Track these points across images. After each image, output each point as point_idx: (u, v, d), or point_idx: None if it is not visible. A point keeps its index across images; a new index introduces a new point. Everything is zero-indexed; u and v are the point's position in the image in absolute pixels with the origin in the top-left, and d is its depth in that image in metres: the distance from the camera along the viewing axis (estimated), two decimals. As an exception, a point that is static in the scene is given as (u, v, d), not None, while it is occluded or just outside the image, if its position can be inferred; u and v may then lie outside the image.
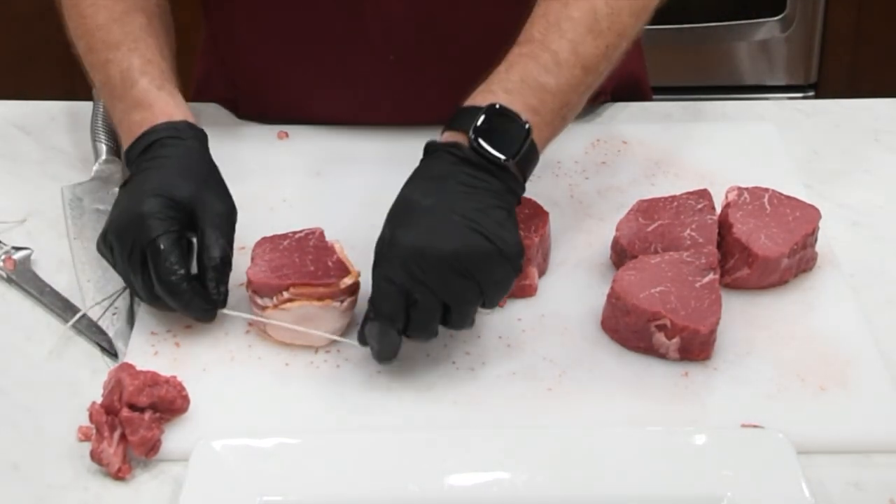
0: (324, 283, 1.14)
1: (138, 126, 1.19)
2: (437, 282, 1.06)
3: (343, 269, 1.15)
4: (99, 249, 1.17)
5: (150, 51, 1.24)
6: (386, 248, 1.08)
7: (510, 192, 1.10)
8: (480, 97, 1.13)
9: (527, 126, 1.11)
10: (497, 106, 1.11)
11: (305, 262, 1.15)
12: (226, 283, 1.14)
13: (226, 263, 1.14)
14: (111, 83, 1.23)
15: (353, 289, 1.15)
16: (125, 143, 1.20)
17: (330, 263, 1.15)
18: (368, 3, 1.35)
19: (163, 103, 1.20)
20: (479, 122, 1.10)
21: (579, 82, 1.16)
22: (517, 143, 1.10)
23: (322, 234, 1.18)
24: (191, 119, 1.21)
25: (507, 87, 1.13)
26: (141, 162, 1.17)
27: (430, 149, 1.12)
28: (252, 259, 1.17)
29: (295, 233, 1.18)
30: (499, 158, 1.09)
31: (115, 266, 1.16)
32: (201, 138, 1.21)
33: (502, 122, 1.11)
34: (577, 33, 1.16)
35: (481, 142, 1.09)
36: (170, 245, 1.12)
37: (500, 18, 1.20)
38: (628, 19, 1.19)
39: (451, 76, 1.21)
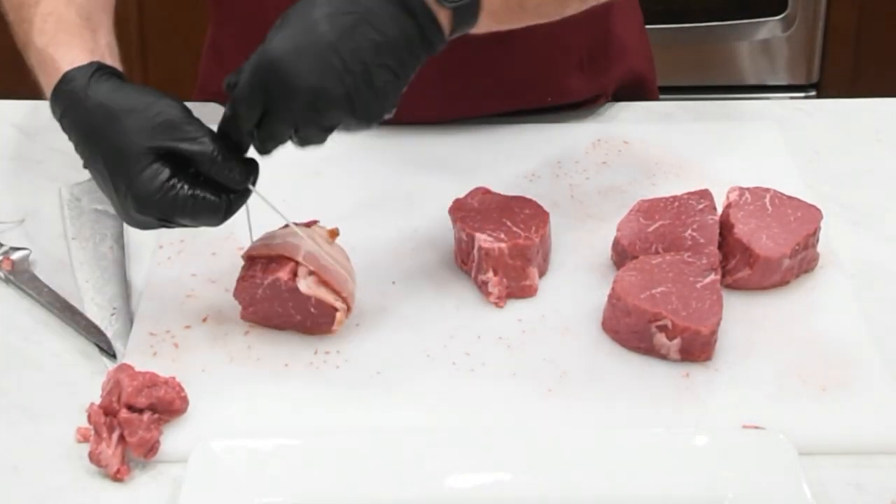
0: (319, 330, 1.15)
1: (43, 90, 1.13)
2: (288, 102, 1.03)
3: (327, 309, 1.14)
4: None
5: (52, 2, 1.17)
6: (260, 48, 1.03)
7: (423, 44, 1.04)
8: None
9: None
10: None
11: (289, 311, 1.15)
12: (231, 159, 1.07)
13: (215, 149, 1.06)
14: (25, 47, 1.18)
15: (348, 304, 1.15)
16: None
17: (313, 310, 1.14)
18: None
19: (51, 62, 1.12)
20: None
21: None
22: None
23: (287, 279, 1.13)
24: (78, 60, 1.10)
25: None
26: (71, 136, 1.10)
27: None
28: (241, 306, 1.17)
29: (261, 277, 1.14)
30: (440, 3, 1.03)
31: None
32: (88, 76, 1.10)
33: None
34: None
35: None
36: (189, 203, 1.05)
37: None
38: None
39: (452, 75, 1.20)
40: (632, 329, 1.14)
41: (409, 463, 1.02)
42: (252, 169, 1.08)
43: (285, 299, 1.14)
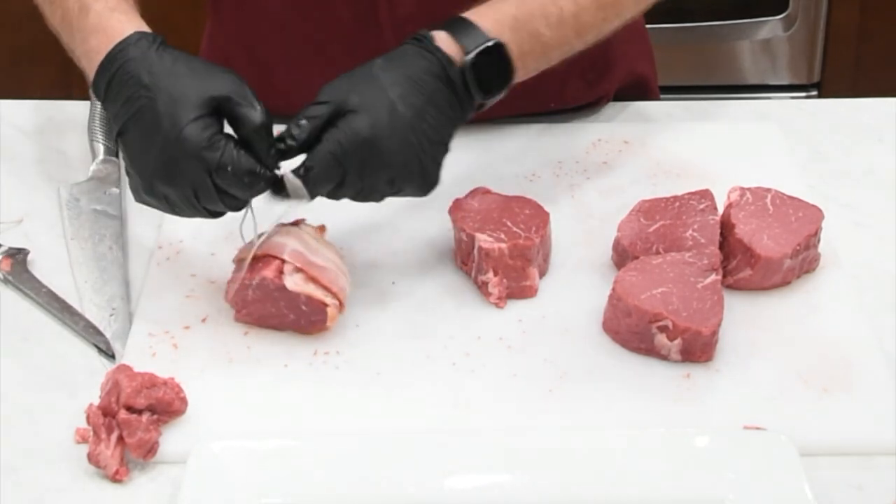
0: (315, 329, 1.15)
1: (96, 52, 1.14)
2: (370, 178, 1.11)
3: (318, 306, 1.13)
4: (143, 202, 1.12)
5: None
6: (343, 125, 1.09)
7: (462, 120, 1.15)
8: (487, 22, 1.15)
9: (515, 77, 1.16)
10: (499, 44, 1.14)
11: (282, 310, 1.14)
12: (272, 140, 1.11)
13: (269, 125, 1.11)
14: (69, 15, 1.19)
15: (340, 300, 1.15)
16: (89, 73, 1.15)
17: (304, 308, 1.14)
18: (382, 2, 1.35)
19: (116, 23, 1.15)
20: (477, 53, 1.13)
21: (566, 44, 1.20)
22: (498, 88, 1.15)
23: (273, 277, 1.13)
24: (144, 29, 1.16)
25: (514, 24, 1.16)
26: (121, 91, 1.11)
27: (425, 45, 1.13)
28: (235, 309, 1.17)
29: (249, 278, 1.14)
30: (478, 98, 1.14)
31: (175, 210, 1.12)
32: (158, 40, 1.14)
33: (497, 62, 1.15)
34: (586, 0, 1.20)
35: (472, 77, 1.13)
36: (235, 159, 1.08)
37: None
38: (632, 3, 1.23)
39: None
40: (632, 330, 1.13)
41: (408, 464, 1.02)
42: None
43: (276, 298, 1.13)
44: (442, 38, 1.14)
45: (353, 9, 1.37)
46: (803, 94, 2.62)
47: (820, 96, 2.60)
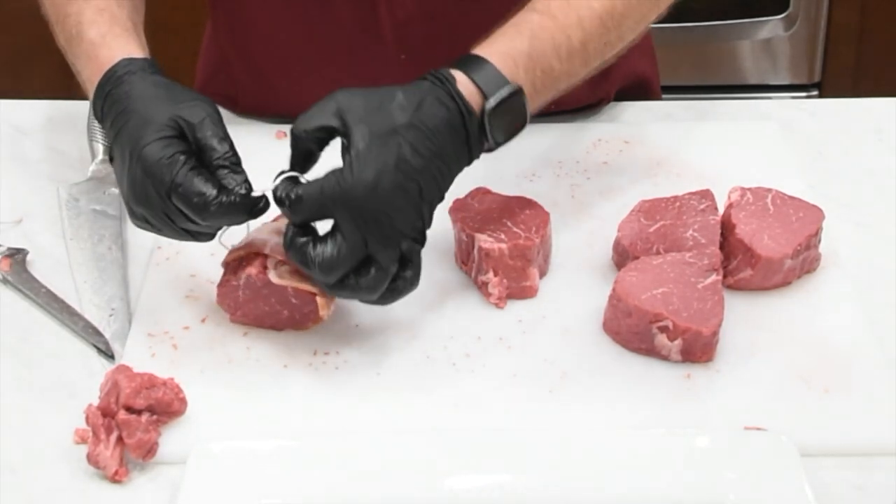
0: (310, 321, 1.15)
1: (90, 82, 1.17)
2: (368, 225, 1.06)
3: (306, 297, 1.13)
4: (141, 227, 1.13)
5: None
6: (344, 171, 1.06)
7: (464, 166, 1.12)
8: (504, 63, 1.12)
9: (526, 120, 1.13)
10: (518, 90, 1.11)
11: (274, 307, 1.14)
12: (241, 171, 1.10)
13: (234, 154, 1.10)
14: (70, 40, 1.21)
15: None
16: (90, 99, 1.17)
17: (294, 300, 1.14)
18: (382, 2, 1.35)
19: (106, 51, 1.17)
20: (497, 103, 1.10)
21: (574, 74, 1.18)
22: (512, 133, 1.13)
23: (258, 273, 1.13)
24: (134, 53, 1.17)
25: (528, 64, 1.13)
26: (109, 121, 1.14)
27: (448, 89, 1.09)
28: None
29: (235, 278, 1.14)
30: (493, 145, 1.11)
31: (162, 233, 1.12)
32: (144, 66, 1.16)
33: (512, 109, 1.12)
34: (592, 26, 1.17)
35: (489, 126, 1.10)
36: (188, 178, 1.07)
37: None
38: (633, 25, 1.21)
39: None
40: (633, 330, 1.13)
41: (408, 465, 1.02)
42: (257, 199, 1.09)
43: (266, 295, 1.13)
44: (462, 83, 1.10)
45: (353, 11, 1.37)
46: (803, 94, 2.62)
47: (820, 96, 2.60)
